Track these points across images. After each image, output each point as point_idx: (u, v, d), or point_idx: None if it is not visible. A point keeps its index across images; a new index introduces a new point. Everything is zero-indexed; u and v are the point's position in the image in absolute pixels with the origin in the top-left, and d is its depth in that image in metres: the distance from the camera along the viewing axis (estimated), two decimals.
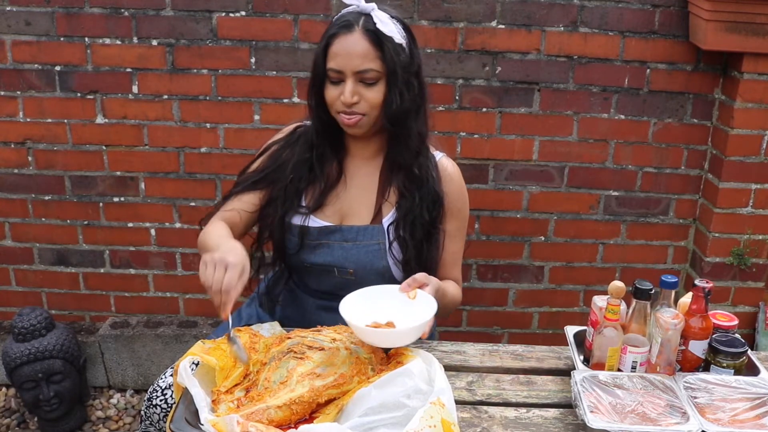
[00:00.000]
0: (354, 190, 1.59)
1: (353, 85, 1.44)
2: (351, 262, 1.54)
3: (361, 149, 1.59)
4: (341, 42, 1.43)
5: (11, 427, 2.42)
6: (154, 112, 2.32)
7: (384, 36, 1.43)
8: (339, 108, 1.47)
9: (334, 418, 1.18)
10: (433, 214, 1.55)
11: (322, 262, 1.55)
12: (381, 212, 1.56)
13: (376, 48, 1.43)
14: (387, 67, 1.44)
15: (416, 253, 1.54)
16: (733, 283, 2.46)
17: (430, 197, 1.54)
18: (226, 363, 1.27)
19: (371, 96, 1.45)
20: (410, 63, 1.49)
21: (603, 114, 2.34)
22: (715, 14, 2.05)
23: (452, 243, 1.64)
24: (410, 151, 1.52)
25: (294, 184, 1.56)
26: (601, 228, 2.49)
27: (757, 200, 2.34)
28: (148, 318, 2.59)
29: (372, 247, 1.54)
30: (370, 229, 1.55)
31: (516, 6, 2.21)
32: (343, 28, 1.44)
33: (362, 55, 1.42)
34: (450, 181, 1.60)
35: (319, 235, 1.55)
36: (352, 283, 1.55)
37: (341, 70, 1.43)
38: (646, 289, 1.31)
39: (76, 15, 2.21)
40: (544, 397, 1.37)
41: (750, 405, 1.27)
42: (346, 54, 1.43)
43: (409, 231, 1.53)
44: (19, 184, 2.42)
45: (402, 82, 1.46)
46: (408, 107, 1.48)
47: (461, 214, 1.64)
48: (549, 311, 2.61)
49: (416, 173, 1.53)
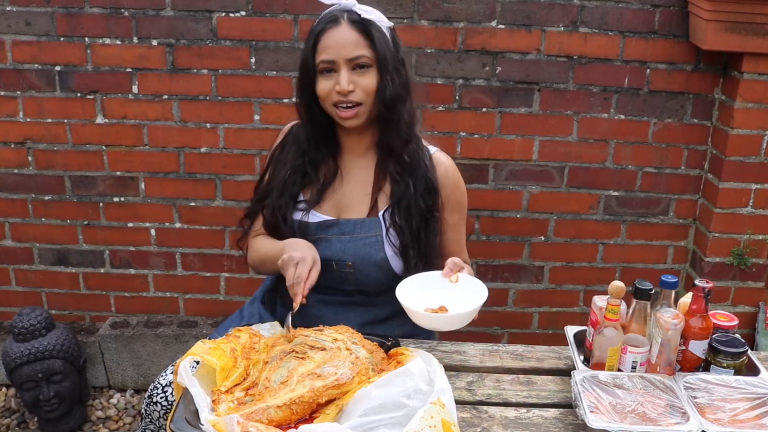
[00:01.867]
0: (350, 184, 1.60)
1: (347, 73, 1.46)
2: (349, 255, 1.55)
3: (354, 144, 1.60)
4: (330, 34, 1.46)
5: (11, 427, 2.42)
6: (154, 112, 2.32)
7: (371, 24, 1.46)
8: (334, 99, 1.48)
9: (334, 418, 1.18)
10: (429, 203, 1.57)
11: (321, 257, 1.54)
12: (377, 205, 1.58)
13: (365, 36, 1.46)
14: (377, 54, 1.47)
15: (415, 241, 1.55)
16: (733, 283, 2.46)
17: (424, 185, 1.56)
18: (226, 363, 1.27)
19: (366, 83, 1.47)
20: (396, 51, 1.52)
21: (603, 114, 2.34)
22: (715, 14, 2.05)
23: (457, 233, 1.67)
24: (400, 137, 1.54)
25: (289, 189, 1.58)
26: (601, 228, 2.49)
27: (757, 200, 2.34)
28: (148, 318, 2.59)
29: (369, 240, 1.55)
30: (366, 221, 1.56)
31: (516, 6, 2.21)
32: (330, 22, 1.46)
33: (353, 43, 1.45)
34: (445, 173, 1.61)
35: (318, 230, 1.56)
36: (350, 276, 1.57)
37: (334, 59, 1.45)
38: (646, 289, 1.31)
39: (76, 15, 2.21)
40: (544, 397, 1.37)
41: (750, 405, 1.27)
42: (336, 44, 1.45)
43: (404, 217, 1.54)
44: (19, 184, 2.42)
45: (392, 68, 1.49)
46: (399, 92, 1.51)
47: (461, 204, 1.66)
48: (549, 311, 2.61)
49: (407, 160, 1.54)
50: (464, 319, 1.36)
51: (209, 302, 2.60)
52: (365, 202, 1.58)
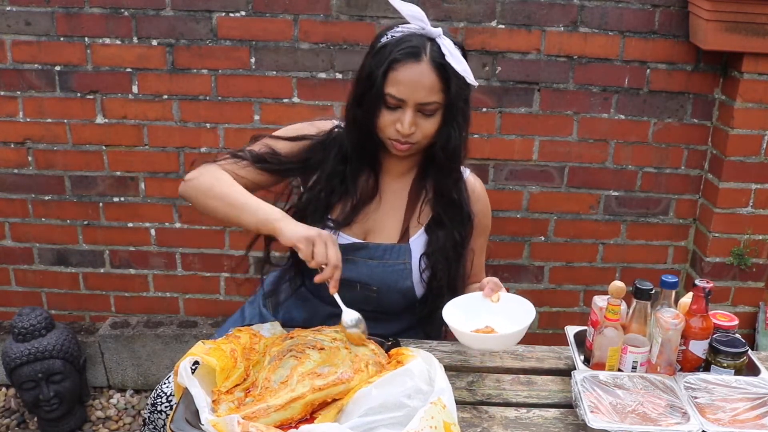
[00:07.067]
0: (384, 207, 1.54)
1: (412, 116, 1.37)
2: (375, 280, 1.51)
3: (395, 166, 1.54)
4: (408, 71, 1.35)
5: (11, 427, 2.42)
6: (154, 112, 2.32)
7: (451, 69, 1.36)
8: (392, 135, 1.41)
9: (334, 418, 1.18)
10: (463, 234, 1.54)
11: (347, 277, 1.45)
12: (408, 231, 1.53)
13: (442, 81, 1.36)
14: (448, 100, 1.38)
15: (445, 273, 1.52)
16: (733, 283, 2.46)
17: (461, 219, 1.53)
18: (226, 363, 1.27)
19: (427, 127, 1.40)
20: (468, 94, 1.43)
21: (603, 114, 2.34)
22: (715, 14, 2.05)
23: (479, 257, 1.65)
24: (451, 178, 1.50)
25: (325, 197, 1.50)
26: (601, 228, 2.49)
27: (757, 200, 2.34)
28: (148, 318, 2.59)
29: (398, 267, 1.51)
30: (396, 248, 1.52)
31: (516, 6, 2.21)
32: (411, 56, 1.34)
33: (428, 87, 1.35)
34: (477, 200, 1.58)
35: (345, 251, 1.45)
36: (373, 299, 1.53)
37: (404, 99, 1.36)
38: (646, 289, 1.31)
39: (76, 15, 2.21)
40: (544, 397, 1.37)
41: (750, 405, 1.27)
42: (411, 84, 1.35)
43: (443, 255, 1.51)
44: (19, 184, 2.42)
45: (460, 115, 1.42)
46: (464, 141, 1.45)
47: (487, 229, 1.65)
48: (549, 311, 2.60)
49: (455, 199, 1.50)
50: (514, 338, 1.34)
51: (209, 302, 2.60)
52: (396, 227, 1.54)
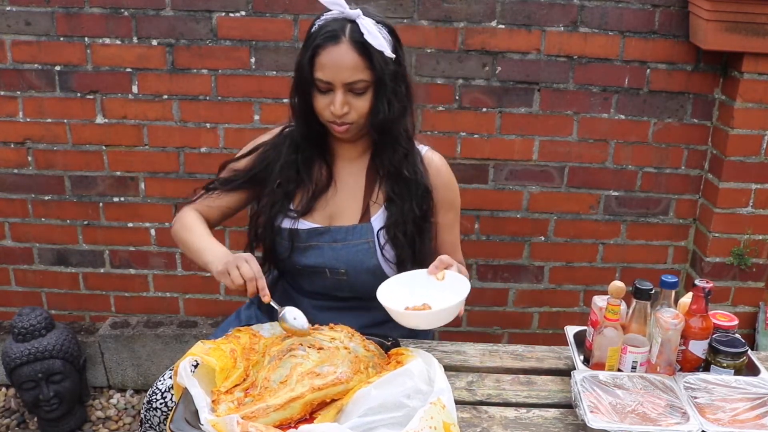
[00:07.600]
0: (342, 191, 1.58)
1: (343, 96, 1.43)
2: (342, 263, 1.54)
3: (347, 151, 1.59)
4: (329, 53, 1.41)
5: (11, 427, 2.42)
6: (154, 112, 2.32)
7: (372, 47, 1.41)
8: (328, 117, 1.47)
9: (334, 418, 1.18)
10: (423, 208, 1.55)
11: (314, 264, 1.55)
12: (369, 211, 1.56)
13: (364, 59, 1.41)
14: (375, 76, 1.43)
15: (409, 250, 1.54)
16: (733, 283, 2.45)
17: (420, 192, 1.54)
18: (226, 363, 1.27)
19: (360, 105, 1.45)
20: (398, 70, 1.48)
21: (603, 114, 2.34)
22: (715, 14, 2.05)
23: (450, 233, 1.65)
24: (398, 154, 1.52)
25: (282, 187, 1.56)
26: (601, 228, 2.49)
27: (757, 200, 2.34)
28: (148, 318, 2.59)
29: (362, 246, 1.54)
30: (358, 228, 1.55)
31: (516, 6, 2.21)
32: (330, 39, 1.41)
33: (351, 67, 1.41)
34: (437, 174, 1.59)
35: (309, 238, 1.55)
36: (344, 283, 1.56)
37: (330, 81, 1.42)
38: (646, 289, 1.31)
39: (76, 15, 2.21)
40: (544, 397, 1.37)
41: (750, 405, 1.27)
42: (334, 66, 1.41)
43: (402, 230, 1.53)
44: (19, 184, 2.42)
45: (390, 91, 1.46)
46: (395, 116, 1.48)
47: (453, 204, 1.64)
48: (549, 311, 2.60)
49: (406, 175, 1.53)
50: (446, 315, 1.32)
51: (209, 302, 2.60)
52: (356, 208, 1.57)
